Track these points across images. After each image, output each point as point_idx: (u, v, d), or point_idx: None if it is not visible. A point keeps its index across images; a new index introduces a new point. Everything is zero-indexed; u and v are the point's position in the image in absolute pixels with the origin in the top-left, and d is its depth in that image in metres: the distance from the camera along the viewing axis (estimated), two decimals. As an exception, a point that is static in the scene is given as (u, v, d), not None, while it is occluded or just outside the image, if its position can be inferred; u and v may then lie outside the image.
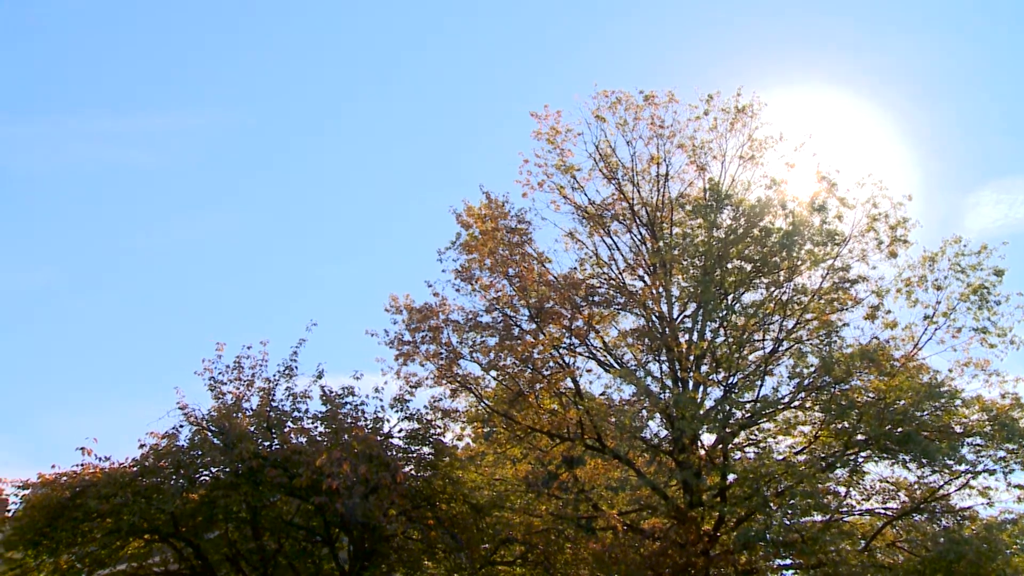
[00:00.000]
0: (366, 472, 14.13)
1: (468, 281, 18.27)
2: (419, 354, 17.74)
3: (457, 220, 18.73)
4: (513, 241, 18.49)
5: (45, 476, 15.13)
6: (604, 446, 17.55)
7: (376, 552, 15.74)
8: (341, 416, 15.84)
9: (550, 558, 16.94)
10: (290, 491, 15.11)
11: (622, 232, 19.76)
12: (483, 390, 18.77)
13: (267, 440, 15.38)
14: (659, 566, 18.12)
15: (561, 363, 18.17)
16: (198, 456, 15.29)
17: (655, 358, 18.91)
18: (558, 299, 17.68)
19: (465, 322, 18.02)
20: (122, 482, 14.63)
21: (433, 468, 16.33)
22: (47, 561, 15.46)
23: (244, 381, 16.24)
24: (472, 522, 16.15)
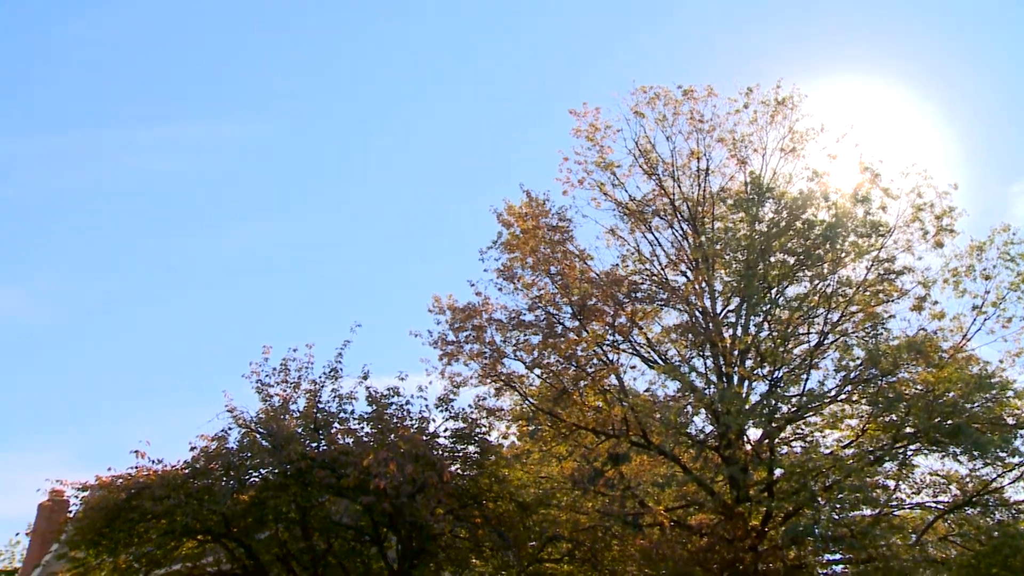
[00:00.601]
0: (413, 472, 14.21)
1: (510, 280, 18.35)
2: (463, 353, 17.85)
3: (498, 219, 18.82)
4: (554, 239, 18.51)
5: (102, 479, 15.49)
6: (649, 442, 17.52)
7: (424, 551, 15.82)
8: (387, 416, 15.96)
9: (597, 555, 16.93)
10: (338, 491, 15.22)
11: (663, 228, 19.71)
12: (527, 388, 18.82)
13: (314, 441, 15.52)
14: (707, 562, 18.06)
15: (605, 360, 18.18)
16: (247, 458, 15.48)
17: (699, 353, 18.82)
18: (600, 296, 17.67)
19: (508, 321, 18.09)
20: (175, 484, 14.85)
21: (479, 467, 16.40)
22: (107, 560, 15.84)
23: (291, 383, 16.43)
24: (519, 520, 16.19)
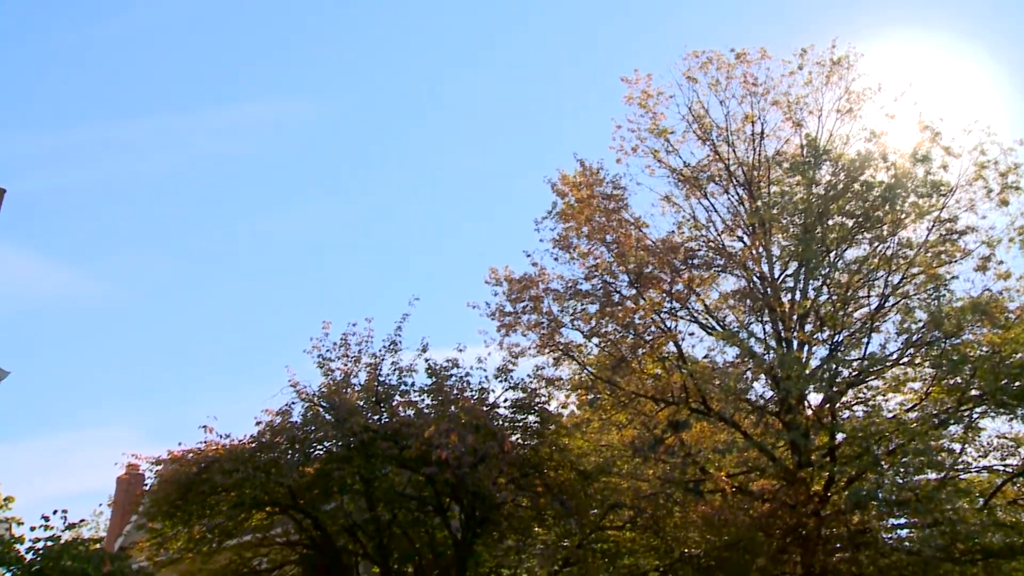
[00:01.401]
0: (474, 442, 14.33)
1: (566, 249, 18.34)
2: (521, 324, 17.94)
3: (552, 189, 18.79)
4: (609, 207, 18.43)
5: (174, 453, 15.93)
6: (709, 409, 17.48)
7: (487, 520, 16.00)
8: (447, 388, 16.10)
9: (659, 522, 16.95)
10: (401, 462, 15.39)
11: (719, 193, 19.50)
12: (586, 357, 18.86)
13: (376, 414, 15.70)
14: (769, 527, 18.01)
15: (663, 327, 18.12)
16: (311, 431, 15.74)
17: (758, 319, 18.65)
18: (657, 263, 17.61)
19: (565, 290, 18.11)
20: (242, 458, 15.18)
21: (539, 436, 16.48)
22: (182, 531, 16.34)
23: (351, 357, 16.64)
24: (580, 488, 16.24)
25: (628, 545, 17.43)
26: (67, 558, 13.10)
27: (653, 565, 17.73)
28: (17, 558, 13.19)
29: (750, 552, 17.26)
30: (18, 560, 13.17)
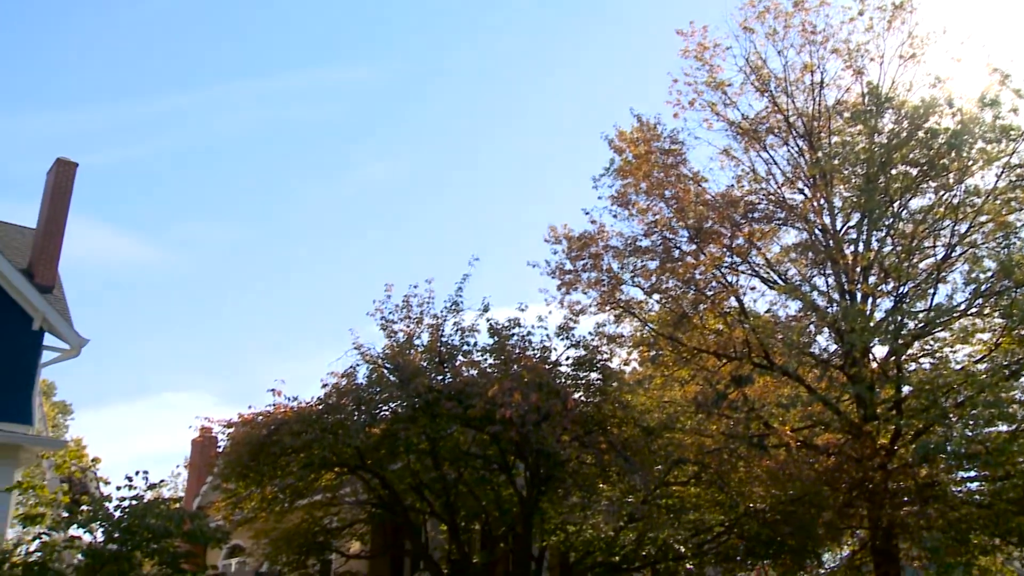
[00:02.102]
0: (537, 400, 14.37)
1: (625, 206, 18.25)
2: (581, 282, 17.94)
3: (610, 146, 18.66)
4: (667, 163, 18.27)
5: (244, 416, 16.28)
6: (772, 363, 17.36)
7: (552, 477, 16.09)
8: (509, 347, 16.15)
9: (724, 477, 16.94)
10: (465, 422, 15.51)
11: (778, 145, 19.20)
12: (647, 314, 18.83)
13: (440, 374, 15.80)
14: (835, 481, 17.91)
15: (724, 282, 18.00)
16: (376, 392, 15.91)
17: (820, 272, 18.43)
18: (717, 218, 17.43)
19: (624, 247, 18.05)
20: (310, 420, 15.41)
21: (602, 393, 16.50)
22: (255, 491, 16.73)
23: (413, 319, 16.75)
24: (644, 444, 16.24)
25: (693, 500, 17.47)
26: (151, 516, 13.50)
27: (718, 520, 17.76)
28: (107, 515, 13.66)
29: (816, 506, 17.20)
30: (108, 517, 13.64)
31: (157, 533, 13.47)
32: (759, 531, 17.42)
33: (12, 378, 18.13)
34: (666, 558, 18.16)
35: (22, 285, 18.68)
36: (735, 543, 18.33)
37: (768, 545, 18.05)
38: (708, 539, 18.17)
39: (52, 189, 21.07)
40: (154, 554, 13.82)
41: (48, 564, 13.34)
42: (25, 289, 18.67)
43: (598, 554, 17.38)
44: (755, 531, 17.45)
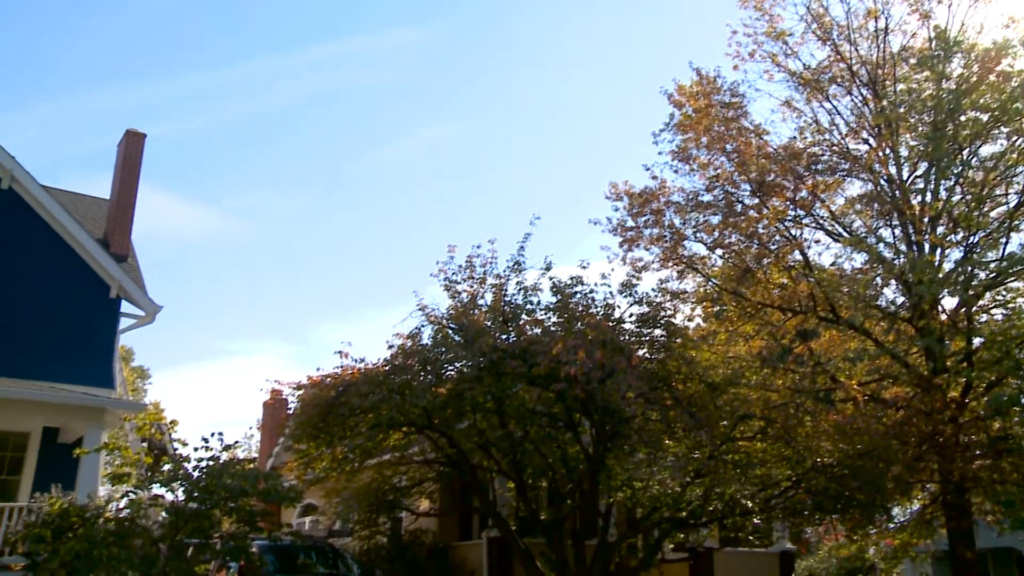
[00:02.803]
0: (602, 357, 14.38)
1: (685, 161, 18.06)
2: (643, 238, 17.86)
3: (669, 101, 18.42)
4: (728, 116, 17.99)
5: (313, 378, 16.63)
6: (838, 317, 17.15)
7: (618, 434, 16.15)
8: (572, 305, 16.17)
9: (790, 431, 16.83)
10: (530, 380, 15.61)
11: (841, 95, 18.75)
12: (710, 269, 18.70)
13: (504, 333, 15.88)
14: (904, 435, 17.70)
15: (787, 236, 17.78)
16: (442, 353, 16.09)
17: (886, 223, 18.09)
18: (779, 171, 17.18)
19: (686, 203, 17.90)
20: (377, 381, 15.67)
21: (666, 350, 16.46)
22: (325, 452, 17.12)
23: (477, 279, 16.84)
24: (709, 400, 16.20)
25: (759, 455, 17.39)
26: (227, 476, 13.91)
27: (785, 475, 17.69)
28: (186, 475, 14.13)
29: (885, 460, 17.03)
30: (187, 477, 14.11)
31: (234, 492, 13.89)
32: (827, 486, 17.30)
33: (93, 344, 18.84)
34: (733, 513, 18.16)
35: (99, 255, 19.29)
36: (802, 498, 18.24)
37: (836, 500, 17.92)
38: (775, 494, 18.10)
39: (123, 160, 21.63)
40: (232, 512, 14.27)
41: (136, 520, 13.89)
42: (102, 259, 19.28)
43: (665, 510, 17.45)
44: (822, 486, 17.34)
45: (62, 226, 19.19)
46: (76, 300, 19.03)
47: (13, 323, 18.23)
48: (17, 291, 18.49)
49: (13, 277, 18.51)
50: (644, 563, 17.42)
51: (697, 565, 21.69)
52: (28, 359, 17.90)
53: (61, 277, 19.04)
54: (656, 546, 17.69)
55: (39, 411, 16.96)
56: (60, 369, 18.06)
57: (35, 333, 18.39)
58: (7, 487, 17.88)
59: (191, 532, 14.05)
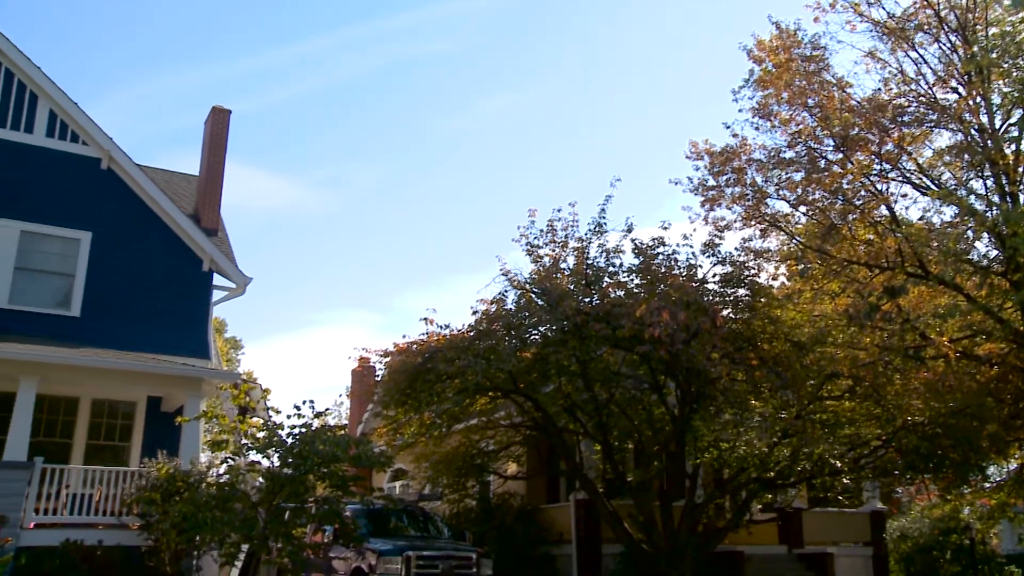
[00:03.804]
0: (685, 318, 14.36)
1: (766, 117, 17.72)
2: (724, 197, 17.65)
3: (749, 56, 18.04)
4: (809, 70, 17.55)
5: (399, 345, 17.00)
6: (928, 272, 16.75)
7: (703, 395, 16.16)
8: (655, 267, 16.13)
9: (879, 390, 16.60)
10: (614, 343, 15.65)
11: (928, 43, 18.12)
12: (793, 227, 18.40)
13: (587, 296, 15.92)
14: (999, 392, 17.32)
15: (873, 191, 17.37)
16: (525, 317, 16.25)
17: (977, 174, 17.50)
18: (864, 124, 16.74)
19: (768, 160, 17.59)
20: (462, 346, 15.92)
21: (750, 309, 16.34)
22: (413, 417, 17.49)
23: (558, 243, 16.89)
24: (795, 359, 16.04)
25: (848, 415, 17.19)
26: (319, 442, 14.37)
27: (875, 434, 17.45)
28: (280, 442, 14.64)
29: (979, 419, 16.71)
30: (281, 444, 14.61)
31: (326, 458, 14.35)
32: (918, 445, 17.07)
33: (189, 317, 19.60)
34: (822, 473, 18.03)
35: (191, 230, 19.99)
36: (893, 457, 18.02)
37: (928, 459, 17.66)
38: (865, 454, 17.90)
39: (210, 137, 22.29)
40: (325, 477, 14.75)
41: (236, 485, 14.47)
42: (194, 233, 19.98)
43: (752, 470, 17.40)
44: (914, 445, 17.11)
45: (156, 203, 19.91)
46: (172, 274, 19.79)
47: (115, 297, 19.08)
48: (119, 267, 19.31)
49: (114, 254, 19.34)
50: (732, 524, 17.45)
51: (786, 525, 21.61)
52: (130, 331, 18.75)
53: (157, 252, 19.82)
54: (744, 507, 17.69)
55: (144, 381, 17.77)
56: (160, 341, 18.88)
57: (136, 306, 19.22)
58: (120, 452, 18.87)
59: (287, 497, 14.59)
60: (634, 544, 16.89)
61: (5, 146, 19.00)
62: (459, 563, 15.92)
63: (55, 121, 19.58)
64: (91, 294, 18.92)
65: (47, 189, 19.18)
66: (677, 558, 16.20)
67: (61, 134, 19.57)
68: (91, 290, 18.95)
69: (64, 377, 16.80)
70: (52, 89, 19.47)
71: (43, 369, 15.90)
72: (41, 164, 19.27)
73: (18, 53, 19.26)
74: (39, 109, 19.50)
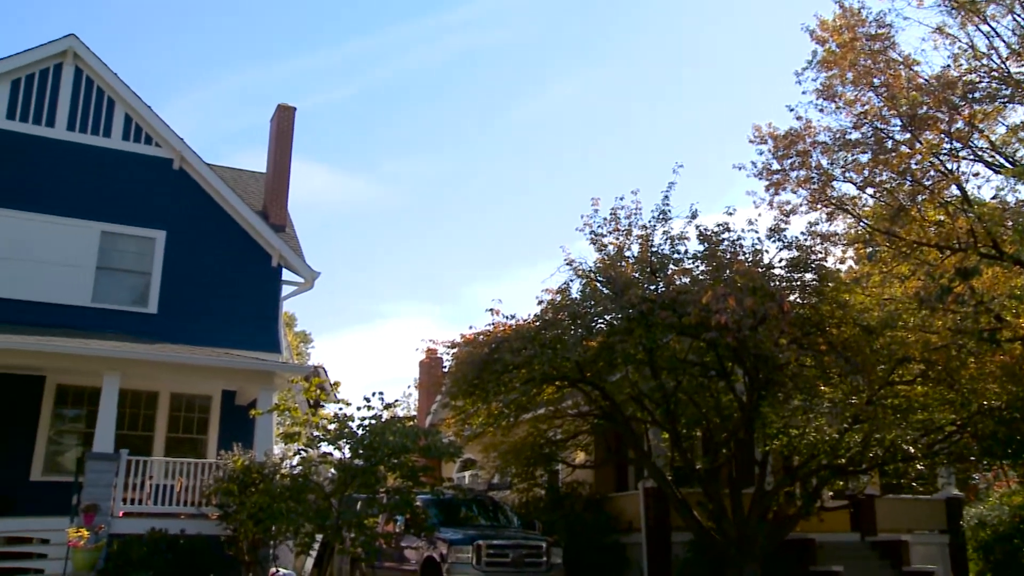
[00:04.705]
0: (752, 304, 14.23)
1: (830, 99, 17.42)
2: (790, 181, 17.41)
3: (811, 37, 17.76)
4: (874, 49, 17.20)
5: (466, 336, 17.17)
6: (1002, 253, 16.35)
7: (771, 381, 16.00)
8: (720, 253, 16.00)
9: (953, 374, 16.25)
10: (680, 330, 15.54)
11: (1001, 15, 17.54)
12: (861, 210, 18.07)
13: (652, 284, 15.85)
14: (1080, 374, 16.82)
15: (943, 170, 16.98)
16: (591, 306, 16.24)
17: (1056, 151, 17.05)
18: (932, 102, 16.37)
19: (833, 142, 17.29)
20: (528, 336, 15.98)
21: (818, 294, 16.12)
22: (481, 407, 17.66)
23: (622, 231, 16.85)
24: (865, 344, 15.78)
25: (920, 400, 16.89)
26: (389, 434, 14.63)
27: (949, 419, 17.13)
28: (351, 433, 14.93)
29: (1059, 402, 16.30)
30: (352, 435, 14.90)
31: (396, 449, 14.59)
32: (995, 430, 16.71)
33: (260, 312, 20.13)
34: (894, 459, 17.78)
35: (260, 226, 20.49)
36: (968, 443, 17.67)
37: (1006, 444, 17.30)
38: (939, 439, 17.60)
39: (276, 134, 22.79)
40: (395, 468, 15.01)
41: (309, 477, 14.82)
42: (263, 230, 20.48)
43: (823, 457, 17.21)
44: (990, 430, 16.75)
45: (226, 201, 20.45)
46: (242, 270, 20.33)
47: (189, 294, 19.71)
48: (192, 264, 19.93)
49: (187, 252, 19.97)
50: (803, 511, 17.29)
51: (858, 512, 21.31)
52: (204, 327, 19.36)
53: (228, 249, 20.38)
54: (815, 493, 17.51)
55: (218, 376, 18.31)
56: (233, 336, 19.44)
57: (208, 302, 19.83)
58: (198, 445, 19.48)
59: (359, 487, 14.89)
60: (703, 532, 16.85)
61: (86, 151, 19.77)
62: (529, 552, 16.06)
63: (130, 124, 20.26)
64: (166, 291, 19.58)
65: (123, 190, 19.88)
66: (747, 546, 16.12)
67: (136, 137, 20.26)
68: (166, 287, 19.60)
69: (143, 372, 17.41)
70: (127, 94, 20.15)
71: (124, 365, 16.48)
72: (117, 166, 19.98)
73: (97, 60, 20.02)
74: (116, 113, 20.21)
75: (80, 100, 20.01)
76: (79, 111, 19.95)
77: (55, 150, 19.60)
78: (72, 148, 19.73)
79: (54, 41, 19.81)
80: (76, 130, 19.86)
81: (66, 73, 19.98)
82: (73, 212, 19.30)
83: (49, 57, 19.83)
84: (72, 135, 19.80)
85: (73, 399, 18.93)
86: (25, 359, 16.45)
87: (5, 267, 18.53)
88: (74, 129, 19.85)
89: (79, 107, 19.97)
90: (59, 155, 19.60)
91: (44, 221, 19.03)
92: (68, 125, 19.83)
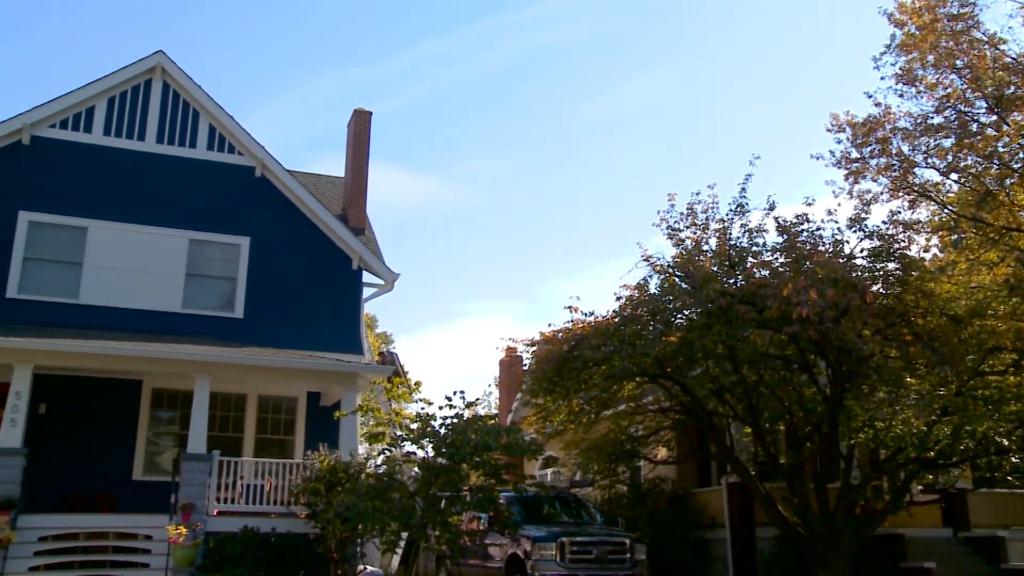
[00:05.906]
0: (834, 296, 13.97)
1: (911, 83, 17.03)
2: (869, 169, 17.11)
3: (889, 20, 17.38)
4: (956, 29, 16.73)
5: (545, 334, 17.27)
6: (1099, 235, 15.83)
7: (855, 373, 15.72)
8: (799, 244, 15.77)
9: (1048, 364, 15.77)
10: (761, 324, 15.38)
11: (1093, -15, 17.01)
12: (944, 196, 17.66)
13: (731, 278, 15.75)
14: None
15: (1033, 152, 16.52)
16: (669, 301, 16.14)
17: None
18: (1020, 82, 15.88)
19: (914, 128, 16.92)
20: (608, 333, 15.99)
21: (902, 284, 15.77)
22: (562, 404, 17.74)
23: (699, 225, 16.75)
24: (952, 334, 15.36)
25: (1013, 390, 16.36)
26: (471, 432, 14.76)
27: (1044, 410, 16.59)
28: (434, 432, 15.14)
29: None
30: (434, 434, 15.11)
31: (478, 447, 14.71)
32: (1094, 419, 16.11)
33: (342, 315, 20.59)
34: (987, 452, 17.25)
35: (340, 230, 20.96)
36: (1067, 434, 17.05)
37: (1106, 435, 16.64)
38: (1034, 431, 17.02)
39: (353, 138, 23.28)
40: (478, 466, 15.13)
41: (393, 476, 15.08)
42: (343, 233, 20.93)
43: (911, 450, 16.79)
44: (1089, 420, 16.15)
45: (307, 206, 20.95)
46: (324, 273, 20.81)
47: (273, 298, 20.27)
48: (275, 269, 20.49)
49: (270, 257, 20.54)
50: (891, 505, 16.93)
51: (950, 507, 20.78)
52: (288, 330, 19.91)
53: (309, 253, 20.89)
54: (903, 488, 17.14)
55: (302, 377, 18.77)
56: (316, 338, 19.94)
57: (292, 306, 20.36)
58: (285, 446, 20.03)
59: (442, 486, 15.07)
60: (789, 527, 16.64)
61: (174, 162, 20.51)
62: (613, 548, 16.05)
63: (214, 135, 20.92)
64: (251, 296, 20.16)
65: (209, 199, 20.53)
66: (834, 541, 15.86)
67: (219, 146, 20.91)
68: (251, 292, 20.19)
69: (232, 375, 17.96)
70: (211, 105, 20.80)
71: (213, 368, 17.03)
72: (203, 175, 20.66)
73: (183, 74, 20.75)
74: (200, 124, 20.90)
75: (168, 113, 20.75)
76: (167, 124, 20.69)
77: (146, 162, 20.36)
78: (161, 160, 20.47)
79: (144, 59, 20.61)
80: (164, 142, 20.60)
81: (155, 88, 20.75)
82: (163, 222, 20.02)
83: (140, 74, 20.64)
84: (160, 147, 20.54)
85: (168, 402, 19.66)
86: (124, 364, 17.12)
87: (104, 276, 19.31)
88: (163, 141, 20.59)
89: (167, 120, 20.71)
90: (149, 167, 20.34)
91: (137, 231, 19.78)
92: (157, 138, 20.57)
